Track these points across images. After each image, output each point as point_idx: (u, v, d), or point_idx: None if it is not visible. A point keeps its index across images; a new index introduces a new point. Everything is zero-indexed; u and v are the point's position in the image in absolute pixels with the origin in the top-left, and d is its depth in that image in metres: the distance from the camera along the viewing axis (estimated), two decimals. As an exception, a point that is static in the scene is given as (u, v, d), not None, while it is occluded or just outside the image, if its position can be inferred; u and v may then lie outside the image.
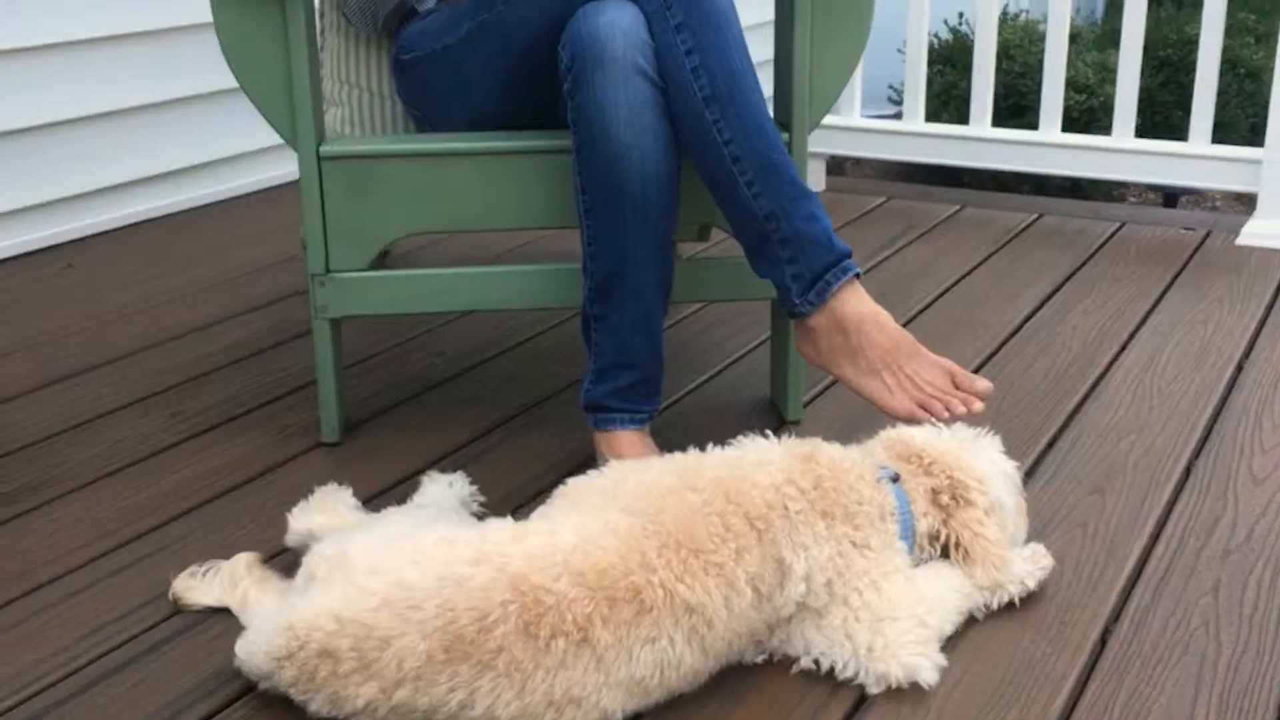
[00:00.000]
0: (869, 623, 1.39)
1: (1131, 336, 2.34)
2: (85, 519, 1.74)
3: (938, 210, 3.16)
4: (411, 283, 1.88)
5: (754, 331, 2.36)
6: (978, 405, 1.67)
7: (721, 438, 1.87)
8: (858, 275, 1.73)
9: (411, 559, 1.30)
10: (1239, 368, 2.21)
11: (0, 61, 2.78)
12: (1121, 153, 3.04)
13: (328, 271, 1.86)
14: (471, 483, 1.73)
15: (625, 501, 1.36)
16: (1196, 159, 2.97)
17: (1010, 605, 1.51)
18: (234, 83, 1.74)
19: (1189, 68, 5.74)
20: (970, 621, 1.48)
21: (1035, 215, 3.11)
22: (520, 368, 2.25)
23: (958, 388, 1.70)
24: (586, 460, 1.87)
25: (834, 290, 1.71)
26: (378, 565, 1.30)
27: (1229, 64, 5.79)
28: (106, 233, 3.03)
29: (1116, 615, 1.51)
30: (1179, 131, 5.25)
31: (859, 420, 1.97)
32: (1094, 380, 2.16)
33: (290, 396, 2.13)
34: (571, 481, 1.46)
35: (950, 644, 1.44)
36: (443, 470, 1.78)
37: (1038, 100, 2.83)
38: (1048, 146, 3.11)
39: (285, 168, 3.47)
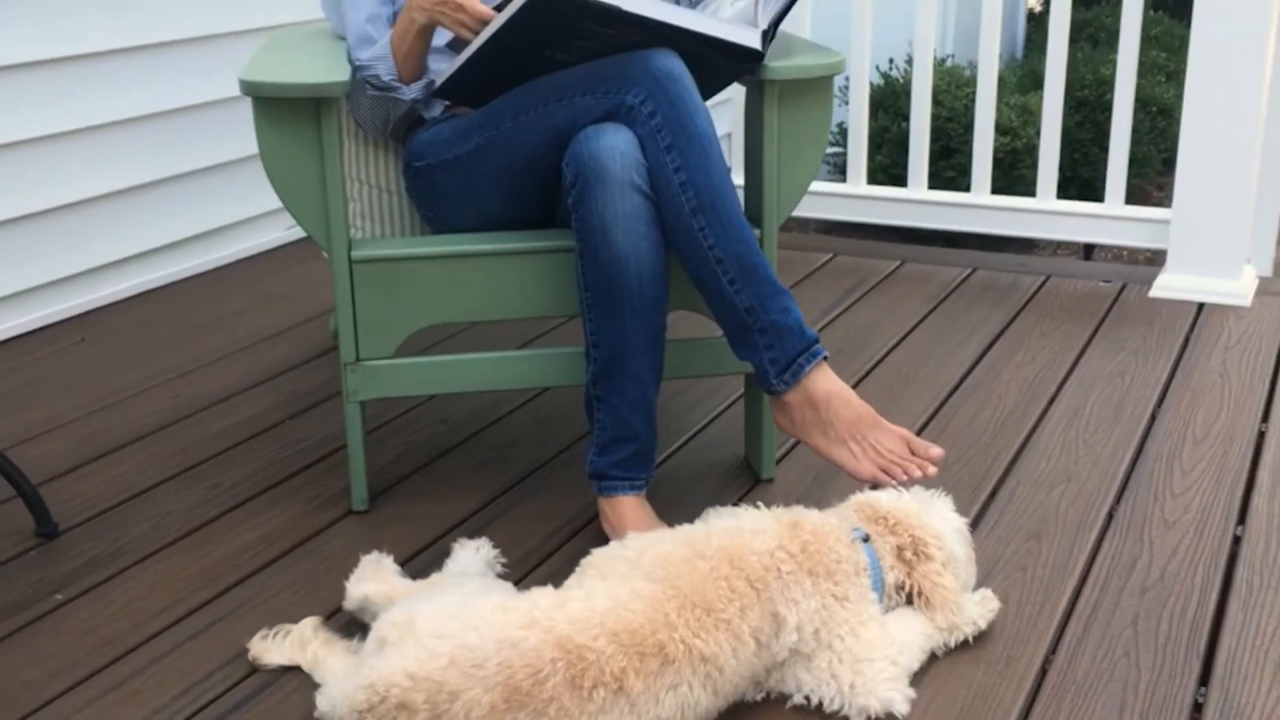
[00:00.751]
0: (850, 664, 1.66)
1: (1058, 391, 2.64)
2: (154, 588, 1.97)
3: (880, 266, 3.45)
4: (433, 367, 2.13)
5: (725, 393, 2.63)
6: (931, 470, 1.95)
7: (705, 496, 2.16)
8: (825, 358, 2.00)
9: (472, 625, 1.55)
10: (1152, 418, 2.52)
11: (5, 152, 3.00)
12: (1045, 213, 3.36)
13: (358, 360, 2.10)
14: (494, 546, 1.98)
15: (647, 570, 1.62)
16: (1112, 219, 3.29)
17: (965, 643, 1.78)
18: (217, 159, 1.92)
19: (1104, 106, 6.15)
20: (932, 658, 1.76)
21: (969, 270, 3.42)
22: (519, 432, 2.50)
23: (914, 454, 1.97)
24: (590, 521, 2.13)
25: (806, 372, 1.98)
26: (443, 630, 1.55)
27: (1141, 103, 6.18)
28: (109, 306, 3.24)
29: (1054, 648, 1.80)
30: (1095, 166, 5.61)
31: (825, 477, 2.25)
32: (1027, 433, 2.45)
33: (315, 467, 2.36)
34: (597, 552, 1.72)
35: (917, 678, 1.71)
36: (465, 535, 2.04)
37: (965, 142, 3.12)
38: (979, 208, 3.42)
39: (268, 235, 3.69)
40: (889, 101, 5.86)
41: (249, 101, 1.99)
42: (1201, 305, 3.10)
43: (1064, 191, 3.38)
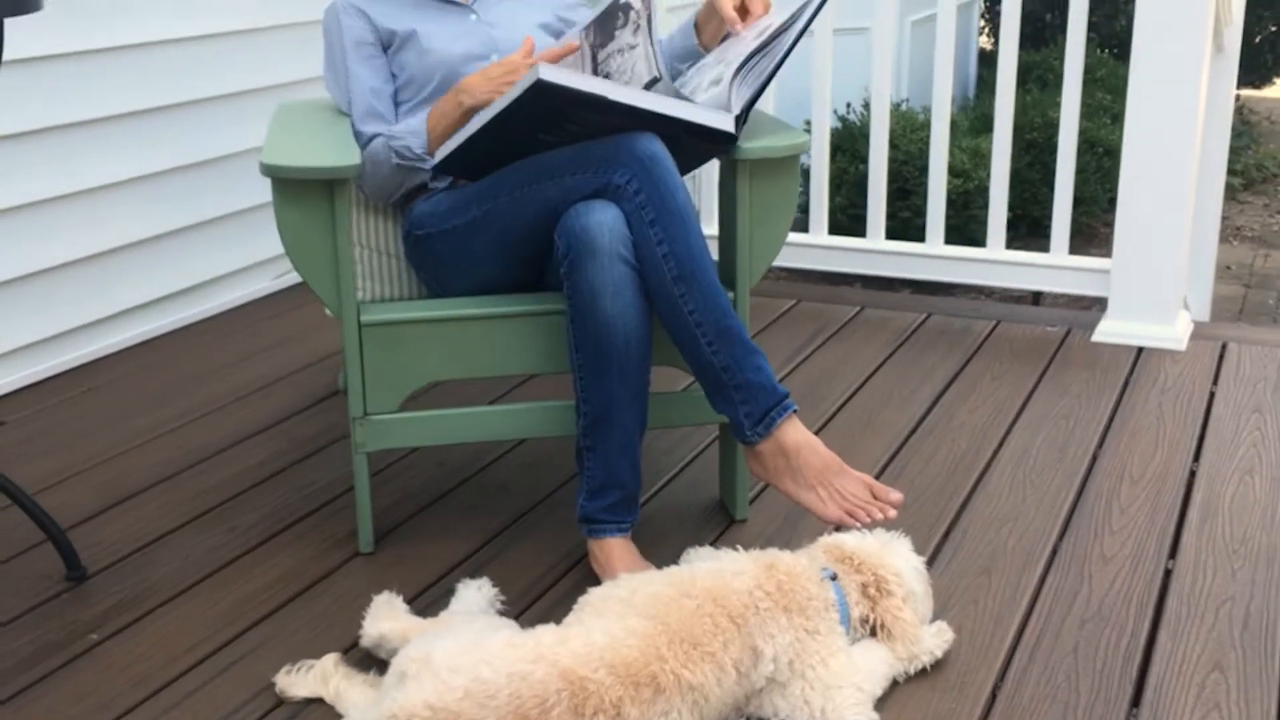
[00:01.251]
0: (821, 691, 1.85)
1: (1007, 433, 2.85)
2: (180, 629, 2.14)
3: (841, 312, 3.66)
4: (435, 421, 2.32)
5: (697, 439, 2.82)
6: (892, 513, 2.14)
7: (684, 536, 2.35)
8: (795, 411, 2.20)
9: (485, 660, 1.73)
10: (1093, 459, 2.73)
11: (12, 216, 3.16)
12: (995, 263, 3.59)
13: (365, 415, 2.28)
14: (493, 585, 2.17)
15: (639, 608, 1.81)
16: (1057, 269, 3.53)
17: (923, 671, 1.98)
18: (202, 216, 2.06)
19: (1053, 148, 6.42)
20: (894, 685, 1.95)
21: (925, 315, 3.63)
22: (508, 478, 2.68)
23: (875, 498, 2.17)
24: (579, 560, 2.32)
25: (777, 424, 2.18)
26: (458, 665, 1.73)
27: (1088, 144, 6.47)
28: (108, 357, 3.40)
29: (1002, 675, 2.00)
30: (1045, 205, 5.90)
31: (794, 518, 2.45)
32: (979, 475, 2.66)
33: (321, 511, 2.53)
34: (593, 592, 1.91)
35: (880, 704, 1.91)
36: (465, 574, 2.22)
37: (920, 184, 3.33)
38: (934, 258, 3.65)
39: (255, 285, 3.87)
40: (846, 144, 6.12)
41: (234, 161, 2.16)
42: (1140, 349, 3.33)
43: (1015, 229, 3.60)
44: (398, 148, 2.36)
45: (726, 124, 2.23)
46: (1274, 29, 9.05)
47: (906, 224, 5.21)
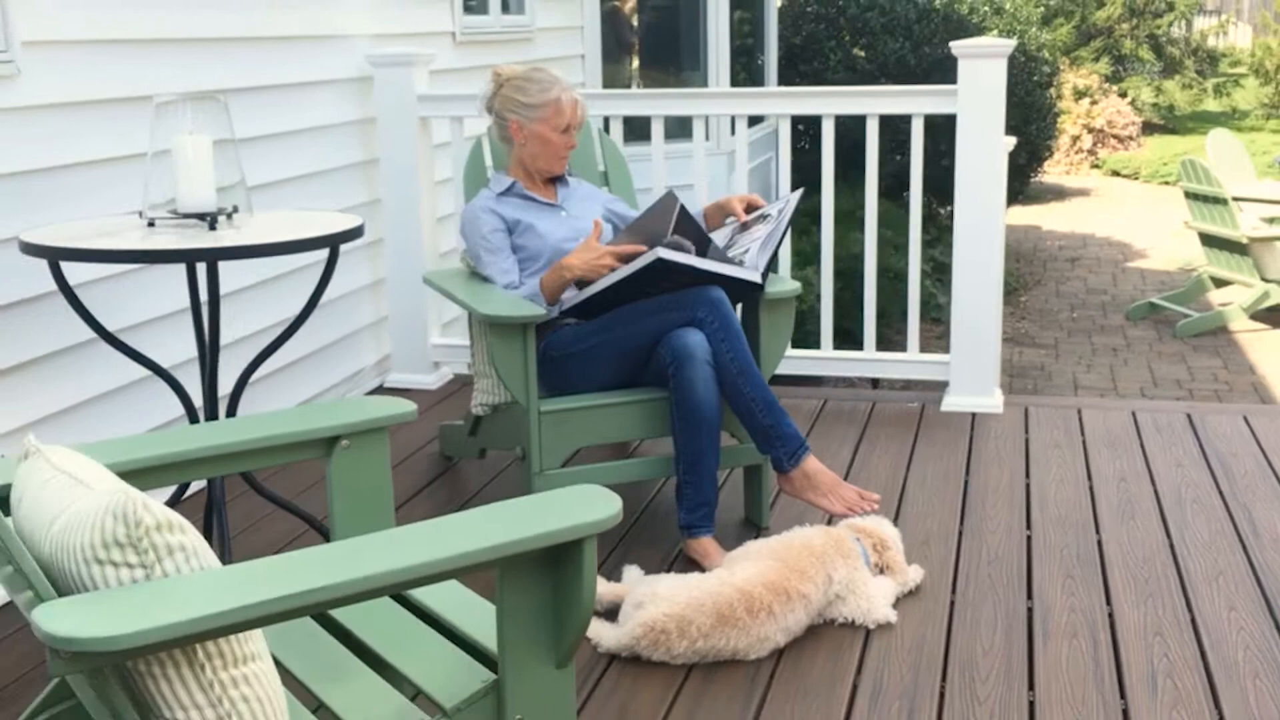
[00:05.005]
0: (866, 599, 3.24)
1: (908, 472, 4.34)
2: (454, 607, 3.36)
3: (764, 402, 5.11)
4: (584, 473, 3.63)
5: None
6: (875, 506, 3.58)
7: (737, 537, 3.71)
8: (810, 450, 3.62)
9: (691, 587, 3.06)
10: (965, 482, 4.24)
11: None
12: (870, 361, 5.14)
13: (541, 470, 3.58)
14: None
15: (769, 555, 3.17)
16: (914, 362, 5.09)
17: (911, 592, 3.40)
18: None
19: (855, 274, 8.10)
20: (897, 600, 3.36)
21: (823, 400, 5.13)
22: (599, 516, 3.98)
23: (863, 498, 3.60)
24: (677, 556, 3.65)
25: (802, 458, 3.59)
26: (675, 592, 3.06)
27: (885, 270, 8.19)
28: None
29: (953, 590, 3.43)
30: (855, 319, 7.54)
31: (801, 517, 3.85)
32: (899, 496, 4.13)
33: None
34: (736, 551, 3.27)
35: (893, 608, 3.31)
36: (615, 566, 3.53)
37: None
38: (825, 360, 5.17)
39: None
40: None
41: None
42: (974, 414, 4.89)
43: (837, 338, 5.14)
44: (531, 296, 3.70)
45: (756, 277, 3.67)
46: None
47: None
